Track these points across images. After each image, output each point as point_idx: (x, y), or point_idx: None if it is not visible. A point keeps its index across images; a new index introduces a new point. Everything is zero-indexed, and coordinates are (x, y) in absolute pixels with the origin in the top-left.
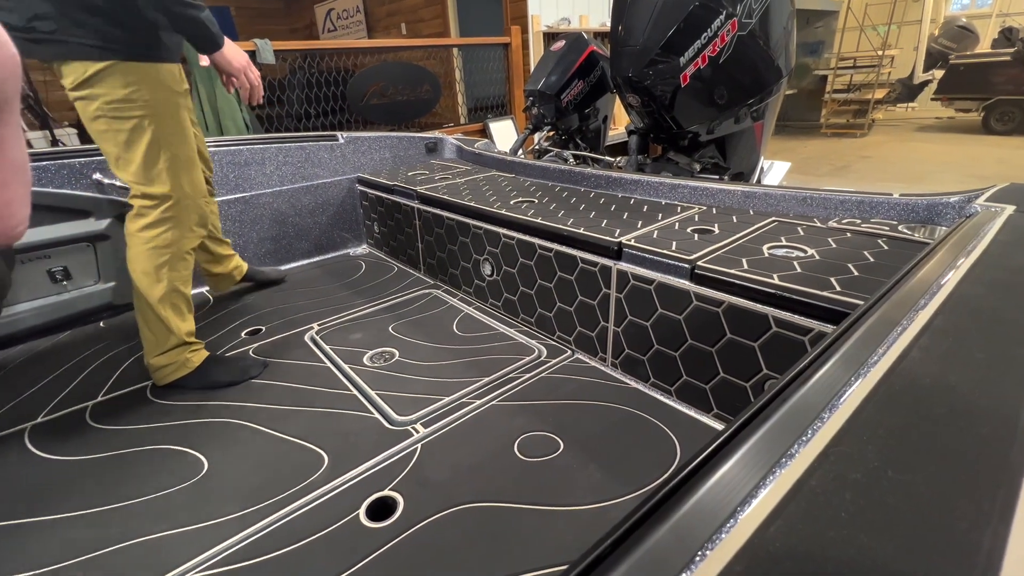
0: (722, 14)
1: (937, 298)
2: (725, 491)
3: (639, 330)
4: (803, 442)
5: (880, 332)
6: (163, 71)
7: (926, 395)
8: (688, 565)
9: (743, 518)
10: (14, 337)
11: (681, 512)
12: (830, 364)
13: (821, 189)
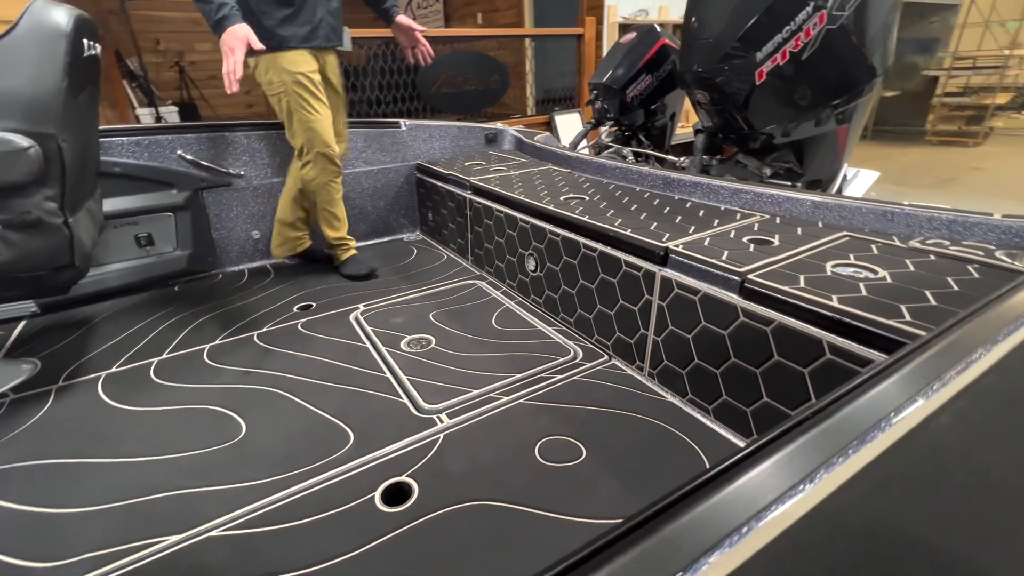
0: (809, 6)
1: (1021, 334)
2: (734, 505)
3: (680, 341)
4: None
5: (939, 364)
6: (281, 58)
7: (961, 450)
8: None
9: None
10: (103, 294)
11: (682, 521)
12: (871, 394)
13: (906, 204)
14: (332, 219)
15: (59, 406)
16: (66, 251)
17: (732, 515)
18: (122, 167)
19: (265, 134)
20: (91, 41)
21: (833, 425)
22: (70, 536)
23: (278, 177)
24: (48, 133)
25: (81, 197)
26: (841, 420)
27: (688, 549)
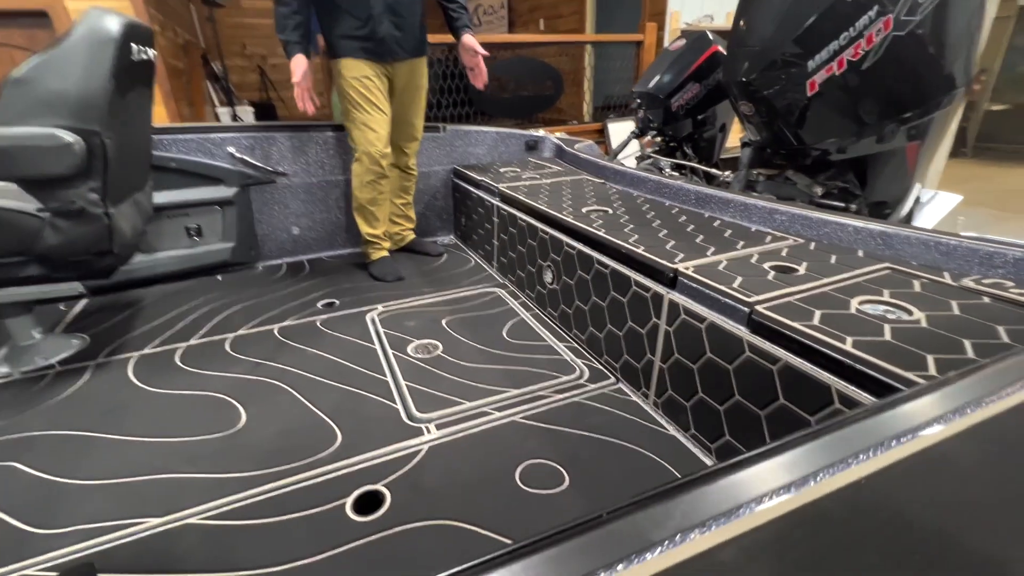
0: (872, 9)
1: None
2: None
3: (685, 371)
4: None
5: (926, 409)
6: (340, 64)
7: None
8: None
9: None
10: (153, 279)
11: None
12: (837, 433)
13: (966, 235)
14: (370, 216)
15: (93, 381)
16: (105, 239)
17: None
18: (177, 162)
19: (308, 136)
20: (142, 46)
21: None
22: (67, 507)
23: (318, 177)
24: (93, 130)
25: (126, 190)
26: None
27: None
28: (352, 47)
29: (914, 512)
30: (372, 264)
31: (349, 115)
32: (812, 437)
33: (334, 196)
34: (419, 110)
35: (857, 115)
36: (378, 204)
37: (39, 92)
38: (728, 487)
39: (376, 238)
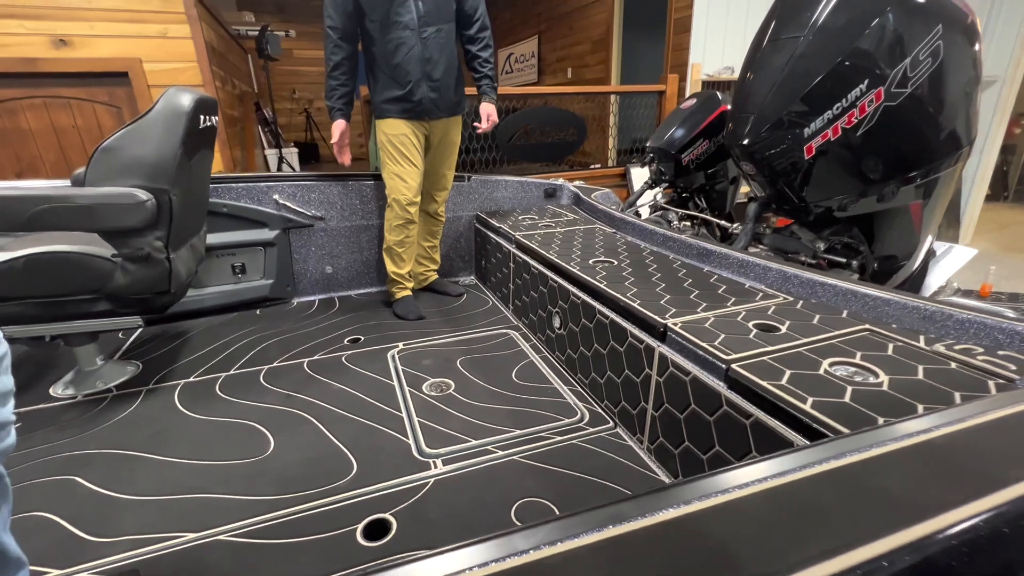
0: (863, 83)
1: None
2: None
3: (673, 420)
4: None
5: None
6: (382, 123)
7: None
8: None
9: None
10: (200, 311)
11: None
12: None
13: (947, 300)
14: (396, 257)
15: (144, 405)
16: (165, 280)
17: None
18: (229, 208)
19: (344, 185)
20: (208, 116)
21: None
22: (118, 519)
23: (351, 221)
24: (163, 188)
25: (185, 236)
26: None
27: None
28: (394, 110)
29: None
30: (395, 303)
31: (385, 166)
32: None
33: (365, 239)
34: (451, 163)
35: (855, 177)
36: (405, 246)
37: (122, 158)
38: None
39: (400, 278)
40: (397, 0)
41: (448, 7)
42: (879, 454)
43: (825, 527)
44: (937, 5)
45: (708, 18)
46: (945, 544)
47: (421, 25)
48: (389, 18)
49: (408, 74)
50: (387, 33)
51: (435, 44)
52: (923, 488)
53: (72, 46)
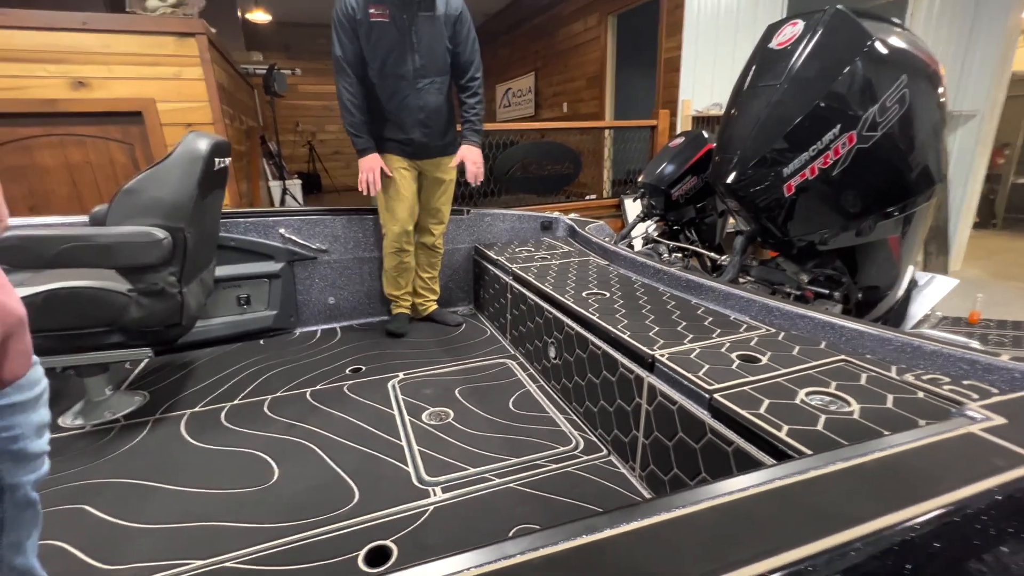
0: (836, 127)
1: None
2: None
3: (663, 448)
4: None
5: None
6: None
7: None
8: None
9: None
10: (206, 342)
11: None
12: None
13: (914, 332)
14: (391, 280)
15: (151, 435)
16: (177, 313)
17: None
18: (236, 242)
19: (346, 219)
20: (222, 158)
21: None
22: (128, 547)
23: (353, 254)
24: (179, 227)
25: (196, 270)
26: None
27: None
28: (391, 146)
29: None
30: (390, 319)
31: (378, 198)
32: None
33: (367, 270)
34: (446, 198)
35: (835, 212)
36: (400, 271)
37: (143, 199)
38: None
39: (395, 297)
40: (395, 53)
41: (444, 60)
42: (819, 475)
43: (760, 535)
44: (901, 56)
45: (696, 58)
46: (862, 550)
47: (416, 77)
48: (387, 69)
49: (402, 119)
50: (385, 81)
51: (429, 94)
52: (849, 503)
53: (90, 87)
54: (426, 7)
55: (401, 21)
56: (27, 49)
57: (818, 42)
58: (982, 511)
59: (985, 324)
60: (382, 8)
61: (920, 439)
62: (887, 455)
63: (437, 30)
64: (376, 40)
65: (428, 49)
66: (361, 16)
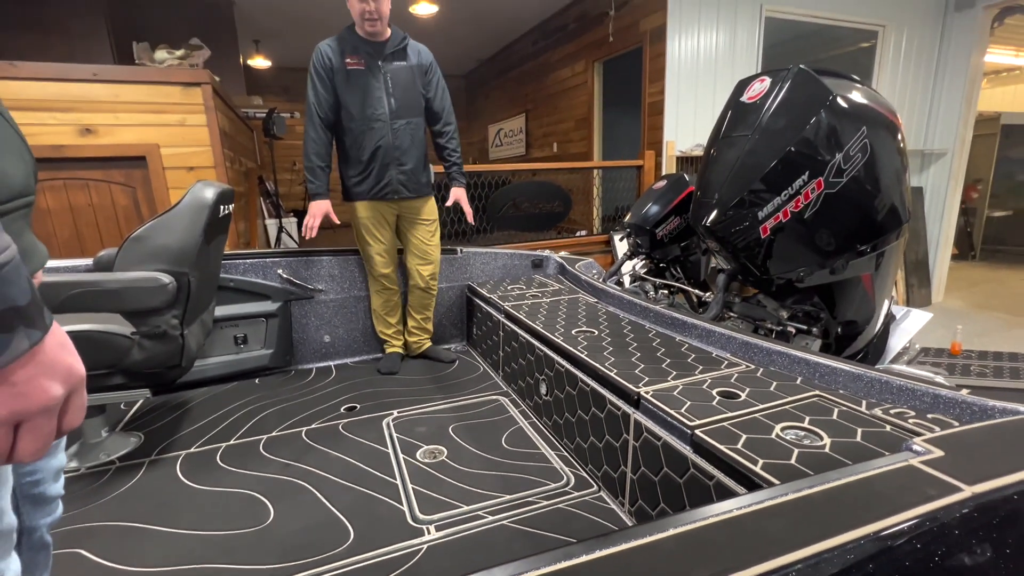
0: (804, 174)
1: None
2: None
3: (650, 484)
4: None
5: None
6: (355, 206)
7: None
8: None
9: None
10: (202, 382)
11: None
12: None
13: (882, 368)
14: (380, 320)
15: (147, 476)
16: (177, 355)
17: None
18: (235, 282)
19: (343, 259)
20: (227, 205)
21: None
22: None
23: (349, 293)
24: (183, 272)
25: (197, 312)
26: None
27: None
28: (364, 192)
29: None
30: (382, 358)
31: (360, 243)
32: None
33: (362, 308)
34: (431, 238)
35: (811, 251)
36: (387, 309)
37: (150, 246)
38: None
39: (386, 336)
40: (373, 96)
41: (418, 103)
42: (772, 504)
43: (713, 559)
44: (860, 109)
45: (678, 103)
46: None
47: (392, 118)
48: (365, 111)
49: (380, 160)
50: (362, 124)
51: (405, 135)
52: (793, 530)
53: (96, 134)
54: (399, 57)
55: (376, 68)
56: (38, 99)
57: (784, 97)
58: (910, 535)
59: (967, 355)
60: (357, 58)
61: (866, 471)
62: (833, 486)
63: (410, 76)
64: (353, 85)
65: (403, 92)
66: (338, 65)
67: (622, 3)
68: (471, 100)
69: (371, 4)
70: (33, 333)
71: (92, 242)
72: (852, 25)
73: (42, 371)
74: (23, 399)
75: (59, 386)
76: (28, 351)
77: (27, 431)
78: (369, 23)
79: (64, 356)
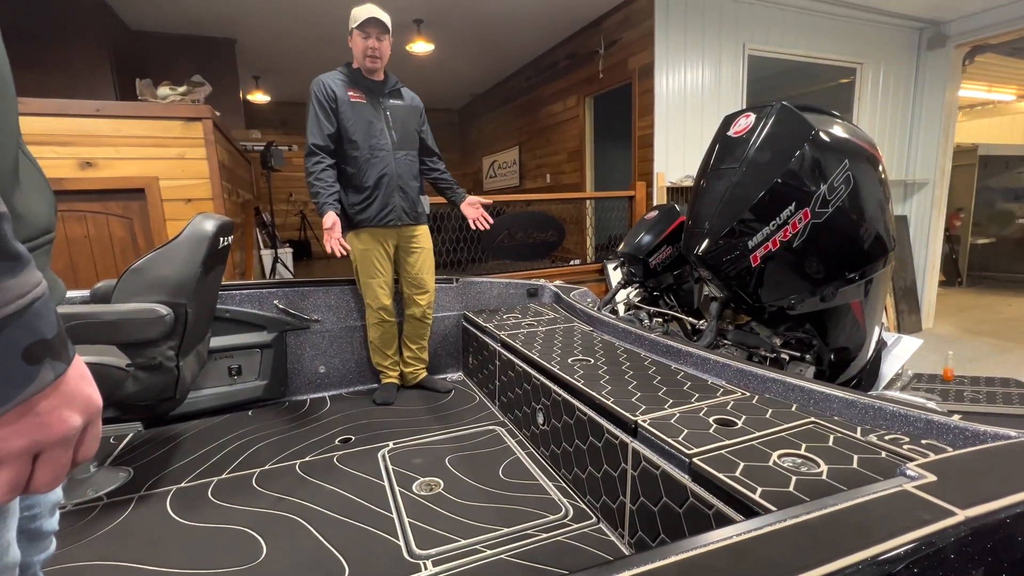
0: (791, 204)
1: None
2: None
3: (649, 514)
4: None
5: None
6: (354, 240)
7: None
8: None
9: None
10: (194, 414)
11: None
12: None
13: (875, 394)
14: (376, 351)
15: (135, 513)
16: (172, 387)
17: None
18: (232, 313)
19: (339, 289)
20: (226, 237)
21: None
22: None
23: (344, 323)
24: (181, 303)
25: (193, 343)
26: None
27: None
28: (368, 219)
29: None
30: (378, 389)
31: (359, 275)
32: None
33: (358, 338)
34: (427, 268)
35: (801, 279)
36: (385, 341)
37: (148, 277)
38: None
39: (382, 367)
40: (376, 127)
41: (415, 138)
42: (771, 531)
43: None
44: (842, 143)
45: (667, 135)
46: None
47: (395, 149)
48: (369, 141)
49: (384, 185)
50: (367, 153)
51: (405, 164)
52: (792, 555)
53: (96, 167)
54: (395, 96)
55: (376, 103)
56: (39, 133)
57: (768, 132)
58: (907, 560)
59: (959, 380)
60: (359, 91)
61: (861, 497)
62: (829, 512)
63: (408, 114)
64: (358, 116)
65: (402, 127)
66: (341, 96)
67: (611, 42)
68: (465, 133)
69: (375, 42)
70: (58, 365)
71: (87, 273)
72: (831, 62)
73: (64, 402)
74: (45, 429)
75: (79, 416)
76: (53, 383)
77: (45, 461)
78: (371, 60)
79: (84, 387)
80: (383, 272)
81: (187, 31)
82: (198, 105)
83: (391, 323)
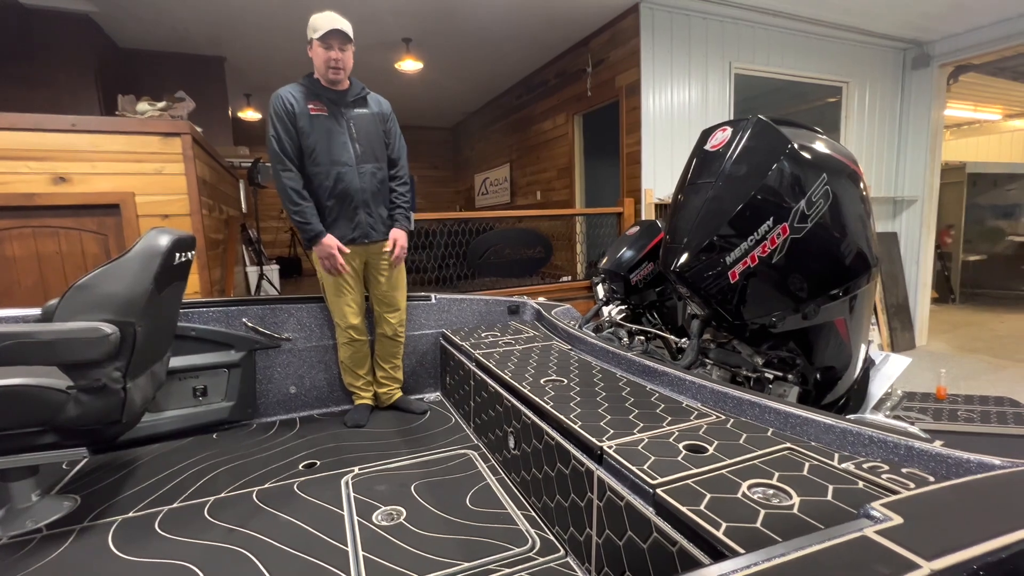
0: (769, 219)
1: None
2: None
3: (615, 549)
4: None
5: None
6: (318, 251)
7: None
8: None
9: None
10: (155, 437)
11: None
12: None
13: (854, 418)
14: (348, 371)
15: (73, 547)
16: (118, 410)
17: None
18: (197, 331)
19: (310, 307)
20: (184, 253)
21: None
22: None
23: (319, 342)
24: (129, 322)
25: (145, 364)
26: None
27: None
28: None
29: None
30: (350, 411)
31: (326, 293)
32: None
33: (331, 358)
34: (398, 285)
35: (783, 296)
36: (355, 360)
37: (94, 295)
38: None
39: (354, 388)
40: (338, 141)
41: (381, 149)
42: None
43: None
44: (820, 158)
45: (655, 152)
46: None
47: (359, 163)
48: (331, 156)
49: (347, 203)
50: (329, 168)
51: (370, 178)
52: None
53: (70, 182)
54: (360, 104)
55: (339, 114)
56: (12, 148)
57: (744, 146)
58: None
59: (952, 399)
60: (319, 104)
61: (818, 543)
62: (779, 564)
63: (373, 124)
64: (318, 129)
65: (366, 138)
66: (301, 110)
67: (598, 61)
68: (457, 151)
69: (337, 53)
70: None
71: (57, 291)
72: (817, 81)
73: None
74: None
75: None
76: None
77: None
78: (333, 71)
79: None
80: (351, 291)
81: (177, 49)
82: (177, 120)
83: (362, 342)
